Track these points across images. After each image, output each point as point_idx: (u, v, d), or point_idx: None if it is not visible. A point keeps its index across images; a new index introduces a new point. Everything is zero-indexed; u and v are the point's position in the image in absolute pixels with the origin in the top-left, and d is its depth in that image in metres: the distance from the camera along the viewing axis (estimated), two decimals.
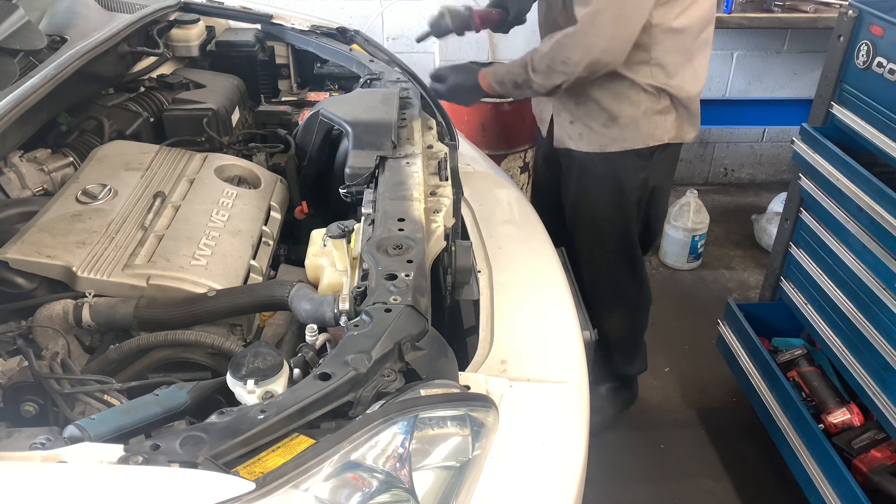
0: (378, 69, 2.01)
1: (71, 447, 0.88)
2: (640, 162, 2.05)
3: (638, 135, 2.00)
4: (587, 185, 2.12)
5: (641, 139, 2.01)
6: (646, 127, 2.00)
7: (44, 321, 1.28)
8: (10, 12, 1.70)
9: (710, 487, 2.43)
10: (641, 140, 2.01)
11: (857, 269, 2.03)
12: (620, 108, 1.98)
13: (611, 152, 2.03)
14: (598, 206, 2.13)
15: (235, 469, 0.85)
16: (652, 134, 2.01)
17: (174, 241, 1.43)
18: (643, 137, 2.01)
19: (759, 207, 3.91)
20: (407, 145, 1.58)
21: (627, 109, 1.98)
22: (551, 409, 1.19)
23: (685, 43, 1.93)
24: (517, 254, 1.64)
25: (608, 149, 2.04)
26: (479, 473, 1.01)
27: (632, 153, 2.03)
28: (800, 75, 3.92)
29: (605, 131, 2.02)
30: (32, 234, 1.38)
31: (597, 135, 2.03)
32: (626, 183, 2.08)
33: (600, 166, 2.06)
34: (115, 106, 1.86)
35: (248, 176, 1.75)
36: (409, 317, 1.08)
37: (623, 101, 1.97)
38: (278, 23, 2.27)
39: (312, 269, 1.37)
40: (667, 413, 2.72)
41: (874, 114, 2.00)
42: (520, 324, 1.39)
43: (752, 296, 3.32)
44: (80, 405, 1.13)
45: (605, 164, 2.06)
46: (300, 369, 1.07)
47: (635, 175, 2.07)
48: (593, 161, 2.07)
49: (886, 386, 1.92)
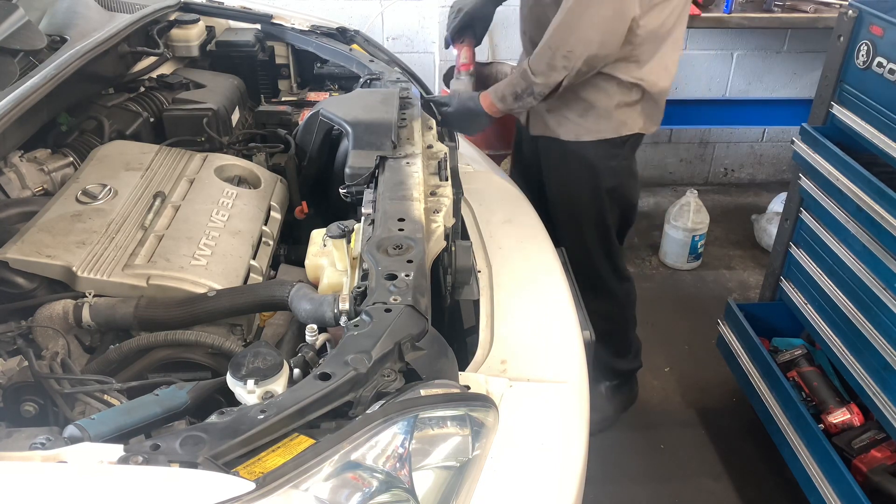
0: (378, 69, 2.01)
1: (71, 447, 0.88)
2: (613, 150, 2.13)
3: (611, 125, 2.08)
4: (565, 172, 2.20)
5: (614, 129, 2.09)
6: (618, 117, 2.08)
7: (44, 321, 1.28)
8: (10, 12, 1.70)
9: (710, 487, 2.43)
10: (614, 130, 2.09)
11: (857, 269, 2.03)
12: (596, 98, 2.05)
13: (586, 141, 2.11)
14: (575, 194, 2.21)
15: (235, 469, 0.85)
16: (624, 123, 2.09)
17: (174, 241, 1.43)
18: (616, 127, 2.09)
19: (759, 207, 3.91)
20: (407, 145, 1.58)
21: (602, 100, 2.05)
22: (551, 409, 1.19)
23: (659, 40, 1.99)
24: (517, 254, 1.64)
25: (583, 138, 2.11)
26: (479, 473, 1.01)
27: (606, 142, 2.11)
28: (800, 75, 3.92)
29: (581, 121, 2.09)
30: (32, 234, 1.38)
31: (573, 124, 2.10)
32: (601, 171, 2.15)
33: (576, 154, 2.14)
34: (115, 106, 1.86)
35: (248, 176, 1.75)
36: (409, 317, 1.08)
37: (599, 92, 2.04)
38: (278, 23, 2.27)
39: (312, 269, 1.37)
40: (667, 413, 2.71)
41: (874, 114, 2.00)
42: (520, 324, 1.39)
43: (752, 296, 3.32)
44: (80, 405, 1.13)
45: (581, 153, 2.13)
46: (300, 369, 1.07)
47: (608, 163, 2.15)
48: (570, 149, 2.14)
49: (886, 386, 1.92)
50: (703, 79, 3.90)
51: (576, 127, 2.10)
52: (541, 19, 2.00)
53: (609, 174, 2.16)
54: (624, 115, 2.08)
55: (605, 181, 2.17)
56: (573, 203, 2.22)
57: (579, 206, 2.21)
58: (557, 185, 2.24)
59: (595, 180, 2.16)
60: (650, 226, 3.82)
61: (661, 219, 3.57)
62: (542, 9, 2.01)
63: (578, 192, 2.20)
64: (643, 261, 3.59)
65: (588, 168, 2.15)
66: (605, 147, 2.12)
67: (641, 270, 3.52)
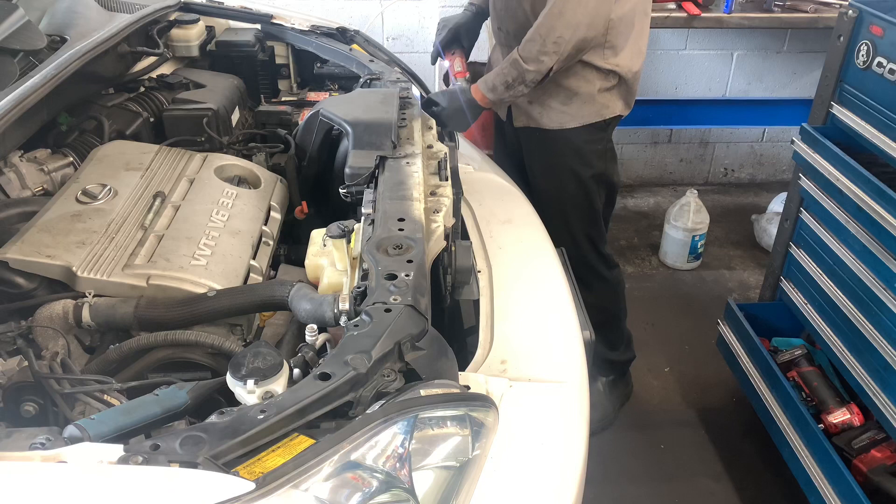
0: (378, 69, 2.01)
1: (71, 447, 0.88)
2: (597, 134, 2.19)
3: (594, 109, 2.14)
4: (551, 161, 2.24)
5: (597, 113, 2.15)
6: (600, 101, 2.13)
7: (44, 321, 1.28)
8: (9, 12, 1.70)
9: (710, 487, 2.43)
10: (597, 114, 2.15)
11: (858, 268, 2.02)
12: (578, 85, 2.10)
13: (571, 128, 2.15)
14: (563, 182, 2.24)
15: (235, 469, 0.85)
16: (606, 106, 2.15)
17: (174, 241, 1.43)
18: (598, 111, 2.15)
19: (759, 207, 3.91)
20: (407, 145, 1.58)
21: (584, 87, 2.10)
22: (551, 408, 1.19)
23: (630, 25, 2.05)
24: (517, 254, 1.64)
25: (568, 125, 2.15)
26: (479, 473, 1.01)
27: (590, 127, 2.16)
28: (800, 75, 3.92)
29: (565, 108, 2.13)
30: (32, 234, 1.38)
31: (557, 112, 2.14)
32: (587, 155, 2.20)
33: (562, 142, 2.18)
34: (115, 106, 1.86)
35: (248, 176, 1.75)
36: (409, 317, 1.08)
37: (580, 79, 2.09)
38: (278, 23, 2.27)
39: (312, 269, 1.37)
40: (667, 413, 2.71)
41: (874, 114, 2.00)
42: (520, 324, 1.39)
43: (752, 296, 3.32)
44: (80, 405, 1.13)
45: (567, 140, 2.18)
46: (300, 369, 1.07)
47: (595, 147, 2.20)
48: (555, 137, 2.18)
49: (886, 386, 1.92)
50: (703, 79, 3.90)
51: (560, 115, 2.14)
52: (516, 11, 2.08)
53: (596, 158, 2.22)
54: (605, 99, 2.14)
55: (593, 166, 2.22)
56: (561, 191, 2.25)
57: (567, 193, 2.25)
58: (543, 175, 2.28)
59: (582, 166, 2.21)
60: (650, 226, 3.82)
61: (661, 219, 3.57)
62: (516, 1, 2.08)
63: (566, 179, 2.24)
64: (643, 261, 3.59)
65: (575, 154, 2.19)
66: (590, 131, 2.17)
67: (641, 270, 3.52)
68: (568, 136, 2.17)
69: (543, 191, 2.27)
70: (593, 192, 2.27)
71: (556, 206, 2.25)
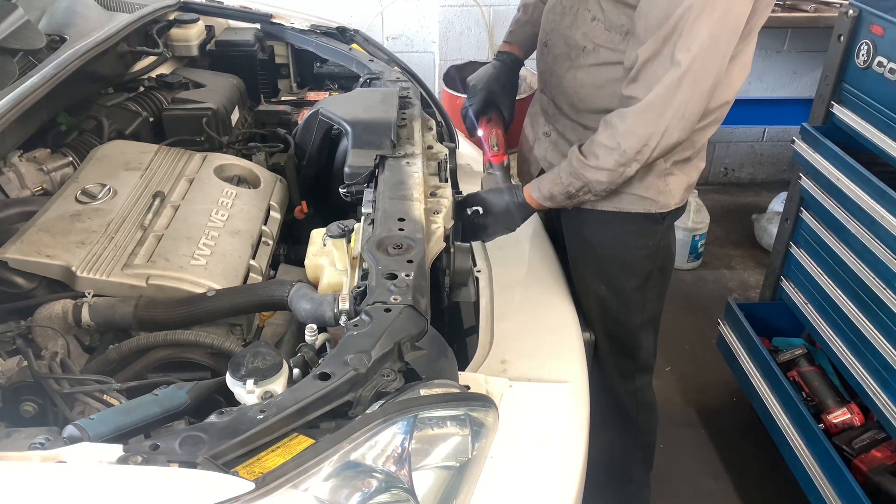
0: (378, 69, 2.01)
1: (70, 447, 0.88)
2: (651, 226, 1.71)
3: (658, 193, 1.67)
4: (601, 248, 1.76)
5: (660, 198, 1.67)
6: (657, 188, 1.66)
7: (43, 321, 1.28)
8: (9, 12, 1.70)
9: (710, 487, 2.43)
10: (661, 200, 1.67)
11: (858, 268, 2.02)
12: None
13: (624, 212, 1.68)
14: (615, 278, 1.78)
15: (235, 469, 0.85)
16: (667, 193, 1.67)
17: (174, 240, 1.43)
18: (663, 198, 1.67)
19: (759, 207, 3.91)
20: (407, 145, 1.58)
21: None
22: (551, 409, 1.19)
23: None
24: (517, 254, 1.64)
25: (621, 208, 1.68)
26: (479, 473, 1.01)
27: (642, 216, 1.69)
28: (800, 75, 3.92)
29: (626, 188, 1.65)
30: (32, 234, 1.38)
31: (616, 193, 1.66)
32: (634, 247, 1.74)
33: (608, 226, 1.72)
34: (114, 106, 1.85)
35: (248, 175, 1.75)
36: (408, 316, 1.07)
37: None
38: (278, 22, 2.27)
39: (312, 269, 1.37)
40: (667, 413, 2.70)
41: (874, 113, 2.00)
42: (520, 324, 1.39)
43: (753, 295, 3.32)
44: (79, 405, 1.13)
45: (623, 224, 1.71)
46: (300, 369, 1.07)
47: (646, 241, 1.73)
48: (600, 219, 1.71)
49: (887, 386, 1.92)
50: None
51: None
52: (566, 83, 1.62)
53: (648, 253, 1.74)
54: (662, 185, 1.65)
55: (643, 263, 1.75)
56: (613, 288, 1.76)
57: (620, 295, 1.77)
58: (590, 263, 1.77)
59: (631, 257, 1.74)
60: None
61: None
62: (572, 70, 1.60)
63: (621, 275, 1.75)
64: None
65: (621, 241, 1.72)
66: (643, 221, 1.69)
67: None
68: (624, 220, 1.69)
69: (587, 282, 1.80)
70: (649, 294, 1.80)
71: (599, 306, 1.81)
